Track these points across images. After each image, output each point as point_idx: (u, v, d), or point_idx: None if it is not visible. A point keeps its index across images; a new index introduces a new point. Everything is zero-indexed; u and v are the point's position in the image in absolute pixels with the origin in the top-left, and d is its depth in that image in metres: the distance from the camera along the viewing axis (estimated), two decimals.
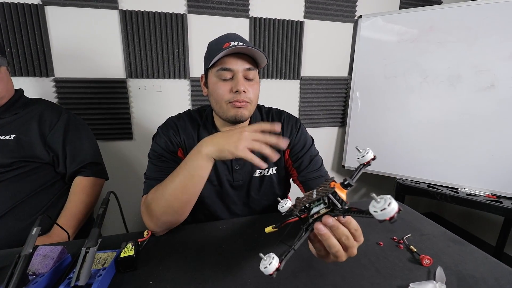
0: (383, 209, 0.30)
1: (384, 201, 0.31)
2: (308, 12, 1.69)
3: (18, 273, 0.47)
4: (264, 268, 0.38)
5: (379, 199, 0.31)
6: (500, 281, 0.58)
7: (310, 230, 0.41)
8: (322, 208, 0.41)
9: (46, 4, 1.30)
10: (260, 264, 0.39)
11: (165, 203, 0.67)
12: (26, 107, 0.97)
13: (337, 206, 0.40)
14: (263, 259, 0.39)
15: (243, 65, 0.75)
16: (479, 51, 1.41)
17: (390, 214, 0.30)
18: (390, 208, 0.30)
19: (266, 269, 0.38)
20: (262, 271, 0.38)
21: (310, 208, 0.42)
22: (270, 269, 0.38)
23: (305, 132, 0.94)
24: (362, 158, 0.43)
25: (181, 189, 0.66)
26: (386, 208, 0.30)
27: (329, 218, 0.41)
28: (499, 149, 1.41)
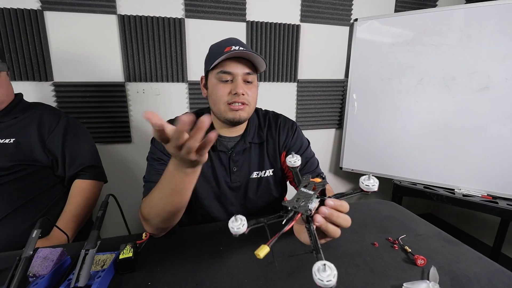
0: (373, 185, 0.43)
1: (374, 179, 0.43)
2: (304, 16, 1.70)
3: (18, 275, 0.48)
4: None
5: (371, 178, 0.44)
6: (493, 280, 0.59)
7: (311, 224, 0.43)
8: (317, 201, 0.45)
9: (45, 9, 1.32)
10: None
11: (155, 212, 0.67)
12: (25, 111, 0.98)
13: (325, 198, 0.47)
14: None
15: (243, 69, 0.77)
16: (473, 53, 1.43)
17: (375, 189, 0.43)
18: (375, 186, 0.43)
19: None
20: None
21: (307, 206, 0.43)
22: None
23: (301, 135, 0.95)
24: (372, 186, 0.44)
25: (165, 201, 0.64)
26: (375, 185, 0.43)
27: (322, 208, 0.45)
28: (494, 150, 1.43)
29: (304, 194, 0.45)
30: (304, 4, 1.69)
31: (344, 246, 0.71)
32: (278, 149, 0.92)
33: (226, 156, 0.87)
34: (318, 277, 0.31)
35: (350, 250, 0.69)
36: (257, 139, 0.90)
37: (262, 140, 0.90)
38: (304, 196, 0.44)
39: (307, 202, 0.43)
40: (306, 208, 0.42)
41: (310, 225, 0.43)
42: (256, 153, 0.91)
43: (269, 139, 0.92)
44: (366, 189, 0.44)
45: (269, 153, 0.92)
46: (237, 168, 0.88)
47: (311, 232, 0.41)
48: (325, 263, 0.32)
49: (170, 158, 0.57)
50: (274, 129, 0.92)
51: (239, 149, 0.87)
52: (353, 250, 0.69)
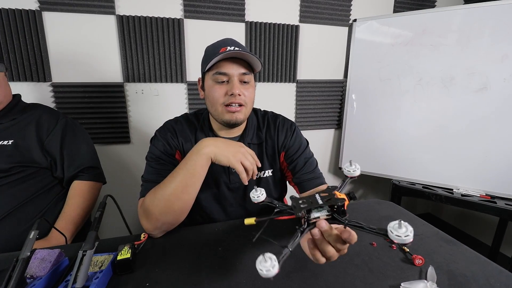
0: (406, 235, 0.34)
1: (406, 228, 0.35)
2: (303, 16, 1.71)
3: (16, 276, 0.48)
4: (267, 271, 0.35)
5: (402, 226, 0.35)
6: (490, 279, 0.59)
7: (305, 232, 0.42)
8: (324, 215, 0.42)
9: (43, 10, 1.31)
10: (260, 265, 0.36)
11: (165, 204, 0.69)
12: (24, 113, 0.98)
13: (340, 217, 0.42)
14: (263, 260, 0.36)
15: (239, 69, 0.77)
16: (472, 53, 1.44)
17: (407, 241, 0.34)
18: (409, 237, 0.34)
19: (269, 272, 0.35)
20: (263, 273, 0.35)
21: (311, 212, 0.43)
22: (272, 272, 0.35)
23: (300, 135, 0.95)
24: (353, 172, 0.47)
25: (181, 188, 0.69)
26: (409, 235, 0.34)
27: (323, 222, 0.42)
28: (492, 150, 1.43)
29: (314, 200, 0.44)
30: (303, 5, 1.69)
31: None
32: (277, 149, 0.92)
33: None
34: (259, 267, 0.35)
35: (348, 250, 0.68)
36: (256, 140, 0.90)
37: (261, 140, 0.90)
38: (311, 202, 0.44)
39: (310, 207, 0.42)
40: (303, 212, 0.42)
41: (299, 228, 0.43)
42: (255, 153, 0.91)
43: (268, 139, 0.92)
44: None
45: (268, 154, 0.92)
46: None
47: (296, 234, 0.42)
48: (272, 258, 0.36)
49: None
50: (273, 129, 0.92)
51: None
52: (351, 250, 0.69)
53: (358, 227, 0.40)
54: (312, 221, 0.42)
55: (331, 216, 0.42)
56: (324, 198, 0.43)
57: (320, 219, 0.42)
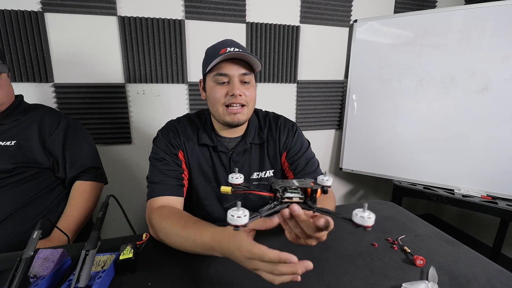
0: (369, 217, 0.38)
1: (369, 213, 0.38)
2: (304, 17, 1.71)
3: (19, 276, 0.49)
4: (237, 217, 0.38)
5: (366, 210, 0.39)
6: (491, 280, 0.59)
7: (277, 207, 0.45)
8: (297, 196, 0.46)
9: (46, 11, 1.32)
10: (232, 211, 0.38)
11: (168, 240, 0.67)
12: (26, 113, 0.98)
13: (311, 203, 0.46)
14: (236, 208, 0.39)
15: (239, 70, 0.77)
16: (473, 54, 1.43)
17: (369, 223, 0.38)
18: (371, 219, 0.38)
19: (238, 219, 0.38)
20: (233, 219, 0.38)
21: (286, 191, 0.46)
22: (240, 221, 0.38)
23: (301, 136, 0.95)
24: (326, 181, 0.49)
25: (184, 248, 0.64)
26: (371, 218, 0.38)
27: (295, 206, 0.45)
28: (494, 151, 1.43)
29: (291, 183, 0.47)
30: (304, 5, 1.69)
31: (344, 246, 0.71)
32: (278, 149, 0.92)
33: (227, 156, 0.88)
34: (231, 213, 0.39)
35: (349, 250, 0.69)
36: (258, 140, 0.90)
37: (262, 140, 0.91)
38: (288, 184, 0.47)
39: (286, 186, 0.46)
40: (280, 188, 0.45)
41: (271, 203, 0.46)
42: (257, 153, 0.91)
43: (269, 140, 0.92)
44: (360, 222, 0.39)
45: (270, 154, 0.92)
46: (237, 168, 0.88)
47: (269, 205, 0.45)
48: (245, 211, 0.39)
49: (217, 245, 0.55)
50: (275, 130, 0.92)
51: (240, 149, 0.88)
52: (352, 251, 0.69)
53: (325, 213, 0.44)
54: (285, 200, 0.45)
55: (303, 201, 0.45)
56: (300, 183, 0.47)
57: (292, 199, 0.45)
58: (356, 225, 0.39)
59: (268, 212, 0.44)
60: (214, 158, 0.88)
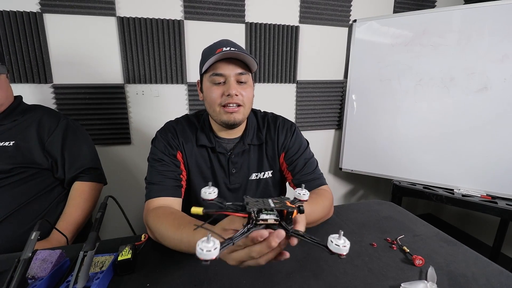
0: (344, 246, 0.37)
1: (344, 240, 0.37)
2: (303, 17, 1.71)
3: (17, 277, 0.49)
4: (207, 251, 0.33)
5: (342, 238, 0.38)
6: (491, 280, 0.59)
7: (252, 230, 0.41)
8: (272, 218, 0.42)
9: (44, 11, 1.32)
10: (201, 244, 0.34)
11: (163, 242, 0.67)
12: (25, 114, 0.98)
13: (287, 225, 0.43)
14: (206, 240, 0.34)
15: (235, 69, 0.77)
16: (472, 53, 1.43)
17: (343, 252, 0.37)
18: (346, 248, 0.37)
19: (208, 253, 0.33)
20: (202, 253, 0.33)
21: (261, 212, 0.42)
22: (210, 255, 0.33)
23: (300, 136, 0.95)
24: (303, 196, 0.47)
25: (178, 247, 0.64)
26: (346, 246, 0.37)
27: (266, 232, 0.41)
28: (493, 150, 1.43)
29: (266, 203, 0.44)
30: (303, 6, 1.69)
31: None
32: (277, 150, 0.92)
33: (225, 157, 0.87)
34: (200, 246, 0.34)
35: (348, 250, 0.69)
36: (256, 141, 0.90)
37: (261, 141, 0.91)
38: (264, 204, 0.44)
39: (261, 208, 0.42)
40: (254, 211, 0.42)
41: (245, 227, 0.42)
42: (255, 154, 0.91)
43: (268, 140, 0.92)
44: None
45: (268, 155, 0.92)
46: (236, 169, 0.88)
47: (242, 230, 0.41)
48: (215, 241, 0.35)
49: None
50: (273, 130, 0.92)
51: (238, 150, 0.88)
52: (351, 251, 0.68)
53: (301, 237, 0.41)
54: (259, 222, 0.42)
55: (278, 222, 0.42)
56: (276, 203, 0.44)
57: (267, 221, 0.42)
58: (331, 252, 0.38)
59: (242, 238, 0.40)
60: (213, 159, 0.88)
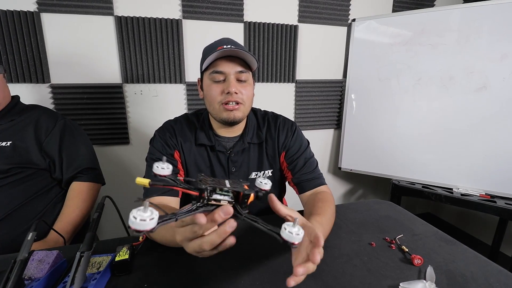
0: (297, 234, 0.35)
1: (298, 229, 0.36)
2: (302, 16, 1.71)
3: (13, 278, 0.48)
4: (141, 220, 0.30)
5: (296, 226, 0.36)
6: (489, 279, 0.59)
7: (200, 210, 0.39)
8: (226, 200, 0.40)
9: (42, 11, 1.31)
10: (136, 212, 0.30)
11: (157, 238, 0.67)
12: (22, 114, 0.98)
13: (241, 208, 0.41)
14: (142, 209, 0.30)
15: (235, 67, 0.77)
16: (471, 53, 1.43)
17: (297, 241, 0.35)
18: (299, 236, 0.35)
19: (142, 224, 0.30)
20: (135, 222, 0.30)
21: (214, 192, 0.40)
22: (145, 225, 0.30)
23: (300, 135, 0.95)
24: (264, 185, 0.45)
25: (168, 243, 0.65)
26: (299, 234, 0.35)
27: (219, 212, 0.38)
28: (492, 149, 1.43)
29: (222, 183, 0.42)
30: (302, 5, 1.69)
31: (342, 246, 0.71)
32: (277, 149, 0.92)
33: (225, 156, 0.87)
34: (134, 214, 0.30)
35: (347, 250, 0.69)
36: (256, 139, 0.90)
37: (261, 140, 0.90)
38: (219, 183, 0.41)
39: (216, 187, 0.39)
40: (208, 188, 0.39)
41: (194, 204, 0.39)
42: (255, 153, 0.91)
43: (268, 139, 0.91)
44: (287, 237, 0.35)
45: (268, 154, 0.92)
46: (235, 168, 0.88)
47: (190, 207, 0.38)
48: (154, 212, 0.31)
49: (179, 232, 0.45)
50: (274, 129, 0.92)
51: (238, 149, 0.87)
52: (350, 250, 0.69)
53: (253, 221, 0.40)
54: (211, 203, 0.39)
55: (232, 205, 0.40)
56: (232, 185, 0.41)
57: (220, 202, 0.39)
58: (283, 240, 0.36)
59: (186, 215, 0.37)
60: (212, 158, 0.87)
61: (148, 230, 0.30)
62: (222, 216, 0.37)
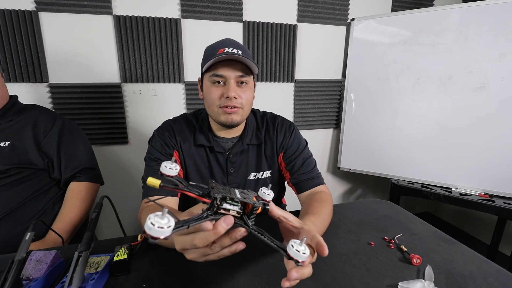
0: (304, 253, 0.36)
1: (305, 247, 0.36)
2: (301, 16, 1.71)
3: (11, 278, 0.48)
4: (159, 227, 0.29)
5: (303, 244, 0.37)
6: (488, 278, 0.59)
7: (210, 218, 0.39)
8: (234, 210, 0.40)
9: (40, 10, 1.31)
10: (154, 219, 0.29)
11: None
12: (20, 114, 0.97)
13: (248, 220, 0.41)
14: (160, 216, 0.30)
15: (235, 72, 0.76)
16: (469, 52, 1.44)
17: (302, 259, 0.36)
18: (305, 255, 0.36)
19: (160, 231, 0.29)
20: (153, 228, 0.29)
21: (224, 201, 0.40)
22: (162, 232, 0.29)
23: (298, 135, 0.95)
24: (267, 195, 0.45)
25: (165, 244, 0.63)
26: (306, 253, 0.36)
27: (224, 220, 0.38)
28: (491, 149, 1.43)
29: (233, 192, 0.42)
30: (301, 4, 1.69)
31: (340, 245, 0.71)
32: (275, 150, 0.92)
33: (224, 157, 0.87)
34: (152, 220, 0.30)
35: (346, 249, 0.69)
36: (255, 141, 0.90)
37: (260, 141, 0.90)
38: (230, 193, 0.41)
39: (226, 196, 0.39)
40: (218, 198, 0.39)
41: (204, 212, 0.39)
42: (254, 154, 0.91)
43: (267, 140, 0.91)
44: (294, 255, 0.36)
45: (267, 155, 0.92)
46: (234, 169, 0.88)
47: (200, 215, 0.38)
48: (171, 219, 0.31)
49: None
50: (272, 130, 0.92)
51: (237, 150, 0.87)
52: (349, 250, 0.69)
53: (259, 234, 0.40)
54: (221, 211, 0.39)
55: (240, 216, 0.40)
56: (242, 196, 0.42)
57: (229, 212, 0.39)
58: (289, 257, 0.36)
59: (197, 223, 0.37)
60: (211, 159, 0.87)
61: (163, 238, 0.30)
62: (224, 226, 0.38)
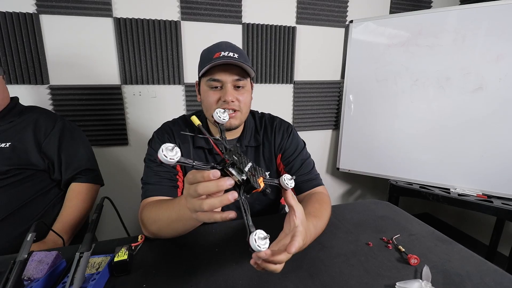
0: (259, 246, 0.40)
1: (266, 243, 0.40)
2: (300, 18, 1.71)
3: (13, 279, 0.49)
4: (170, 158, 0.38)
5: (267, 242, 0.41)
6: (485, 278, 0.60)
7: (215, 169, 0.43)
8: (237, 177, 0.43)
9: (41, 12, 1.32)
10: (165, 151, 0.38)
11: (158, 227, 0.68)
12: (21, 115, 0.98)
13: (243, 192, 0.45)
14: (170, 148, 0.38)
15: (232, 76, 0.77)
16: (467, 54, 1.44)
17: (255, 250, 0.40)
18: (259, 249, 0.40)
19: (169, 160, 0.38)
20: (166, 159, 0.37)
21: (233, 166, 0.44)
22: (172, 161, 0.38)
23: (296, 137, 0.95)
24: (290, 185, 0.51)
25: (170, 225, 0.65)
26: (260, 248, 0.40)
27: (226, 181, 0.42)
28: (489, 149, 1.44)
29: (244, 163, 0.44)
30: (300, 6, 1.70)
31: (339, 246, 0.72)
32: (274, 151, 0.92)
33: None
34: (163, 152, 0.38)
35: (344, 250, 0.70)
36: (254, 143, 0.90)
37: (258, 143, 0.91)
38: (243, 162, 0.44)
39: (236, 163, 0.43)
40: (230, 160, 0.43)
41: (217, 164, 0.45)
42: (252, 156, 0.91)
43: (265, 142, 0.92)
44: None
45: (265, 156, 0.92)
46: None
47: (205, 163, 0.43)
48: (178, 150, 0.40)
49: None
50: (270, 131, 0.93)
51: None
52: (347, 250, 0.70)
53: (242, 208, 0.44)
54: (226, 171, 0.44)
55: (239, 184, 0.44)
56: (250, 170, 0.45)
57: (231, 176, 0.43)
58: (248, 242, 0.40)
59: (202, 167, 0.42)
60: (210, 161, 0.88)
61: (171, 164, 0.38)
62: (227, 184, 0.42)
